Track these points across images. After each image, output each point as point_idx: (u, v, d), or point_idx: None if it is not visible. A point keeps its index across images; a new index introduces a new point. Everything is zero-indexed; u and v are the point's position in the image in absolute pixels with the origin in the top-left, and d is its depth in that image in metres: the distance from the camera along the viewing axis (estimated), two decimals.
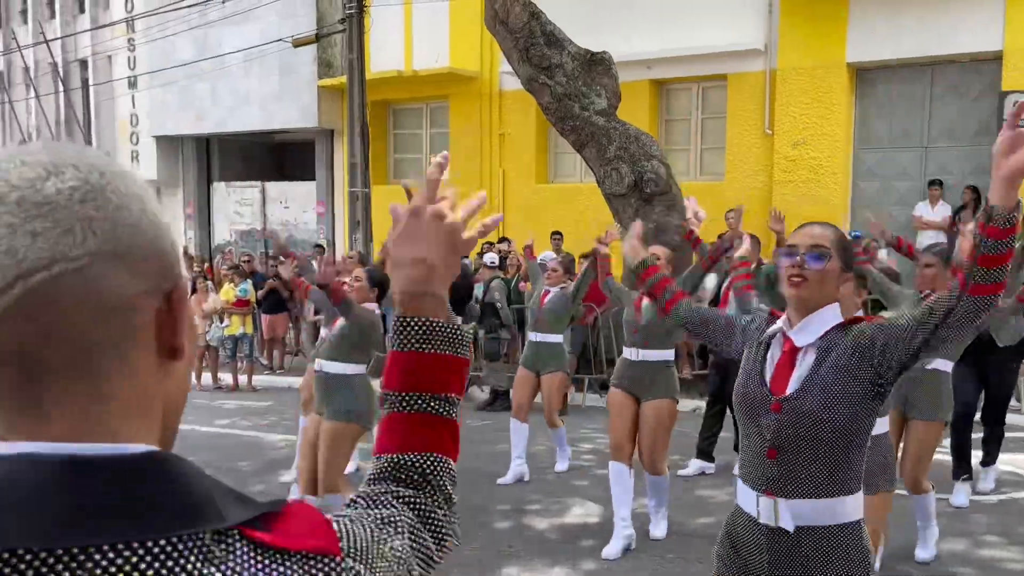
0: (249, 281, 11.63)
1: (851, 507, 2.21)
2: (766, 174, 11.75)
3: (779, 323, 2.31)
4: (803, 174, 11.42)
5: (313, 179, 16.39)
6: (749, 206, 11.59)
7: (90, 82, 18.81)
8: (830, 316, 2.23)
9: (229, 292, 11.16)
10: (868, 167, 11.58)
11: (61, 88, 18.86)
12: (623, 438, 4.90)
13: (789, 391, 2.20)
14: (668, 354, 5.03)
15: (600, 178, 9.34)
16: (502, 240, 11.73)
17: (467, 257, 10.33)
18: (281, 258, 5.55)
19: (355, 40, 11.90)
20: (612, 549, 4.72)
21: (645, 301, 4.87)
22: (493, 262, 8.98)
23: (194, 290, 11.37)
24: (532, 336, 6.47)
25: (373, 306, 4.99)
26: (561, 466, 6.57)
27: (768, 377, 2.27)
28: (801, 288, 2.19)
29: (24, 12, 19.94)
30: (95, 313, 0.65)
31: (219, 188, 17.57)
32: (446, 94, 14.27)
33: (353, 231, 12.36)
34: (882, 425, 3.49)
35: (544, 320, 6.38)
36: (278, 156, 18.71)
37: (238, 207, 17.27)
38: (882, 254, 8.86)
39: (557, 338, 6.47)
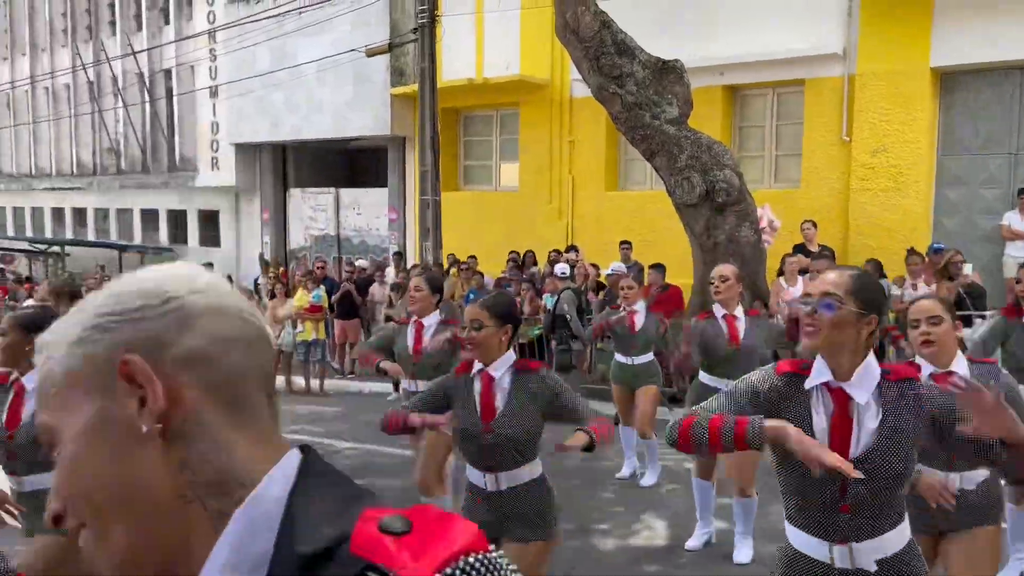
0: (322, 287, 11.86)
1: (907, 525, 2.27)
2: (843, 182, 11.42)
3: (816, 376, 2.22)
4: (882, 182, 11.06)
5: (385, 185, 16.63)
6: (825, 215, 11.32)
7: (174, 91, 19.49)
8: (874, 367, 2.20)
9: (303, 298, 11.40)
10: (953, 174, 11.15)
11: (147, 98, 19.61)
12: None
13: (861, 451, 2.15)
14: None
15: (671, 188, 9.22)
16: (570, 249, 11.68)
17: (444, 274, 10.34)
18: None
19: (427, 49, 12.03)
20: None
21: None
22: (564, 273, 8.94)
23: (272, 295, 11.67)
24: (625, 359, 6.47)
25: (434, 316, 5.07)
26: (649, 480, 6.51)
27: (827, 438, 2.18)
28: (812, 337, 2.18)
29: (113, 23, 20.78)
30: None
31: (294, 194, 17.98)
32: (516, 101, 14.31)
33: (424, 238, 12.49)
34: None
35: (638, 345, 6.44)
36: (351, 163, 19.06)
37: (312, 213, 17.65)
38: (967, 268, 8.53)
39: (650, 357, 6.54)
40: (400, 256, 14.42)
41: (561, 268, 8.96)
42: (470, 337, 3.17)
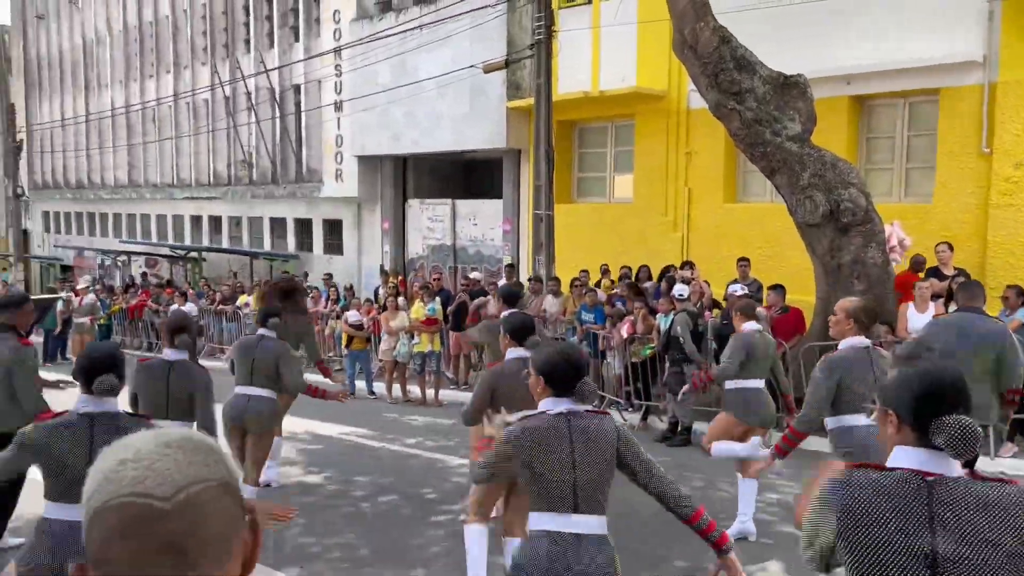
0: (438, 299, 12.12)
1: None
2: (980, 196, 10.74)
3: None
4: None
5: (500, 197, 16.84)
6: (962, 231, 10.69)
7: (302, 106, 20.38)
8: None
9: (419, 310, 11.69)
10: None
11: (278, 112, 20.59)
12: None
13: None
14: None
15: (792, 207, 8.93)
16: (686, 264, 11.48)
17: (521, 287, 10.20)
18: None
19: (543, 64, 12.11)
20: None
21: None
22: (682, 295, 8.78)
23: (385, 307, 12.02)
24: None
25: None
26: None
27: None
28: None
29: (248, 42, 21.94)
30: (223, 520, 0.97)
31: (413, 205, 18.47)
32: (632, 112, 14.20)
33: (536, 252, 12.56)
34: None
35: None
36: (468, 174, 19.40)
37: (430, 223, 18.07)
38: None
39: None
40: (512, 268, 14.56)
41: (680, 290, 8.81)
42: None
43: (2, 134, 32.21)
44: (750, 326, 6.00)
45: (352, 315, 12.16)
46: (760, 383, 6.02)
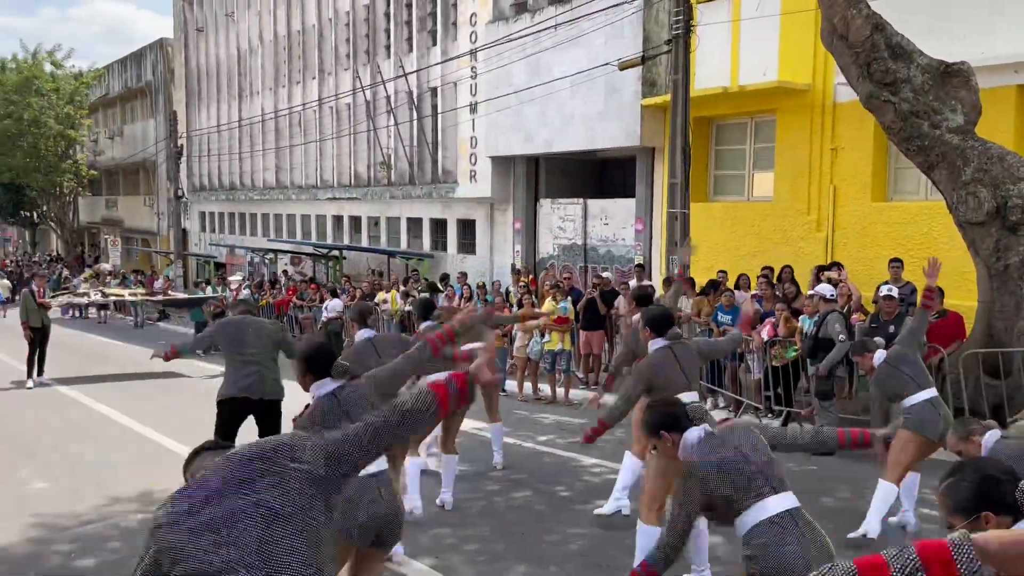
0: (569, 299, 12.08)
1: None
2: None
3: None
4: None
5: (633, 196, 16.62)
6: None
7: (439, 108, 20.85)
8: None
9: (550, 308, 11.68)
10: None
11: (415, 115, 21.15)
12: None
13: None
14: None
15: (952, 204, 8.34)
16: (833, 265, 10.94)
17: (652, 289, 9.73)
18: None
19: (680, 60, 11.84)
20: None
21: None
22: (832, 295, 8.36)
23: (519, 304, 12.08)
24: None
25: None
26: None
27: None
28: None
29: (388, 47, 22.65)
30: None
31: (544, 204, 18.52)
32: (773, 108, 13.68)
33: (671, 252, 12.30)
34: None
35: None
36: (599, 173, 19.28)
37: (561, 223, 18.06)
38: None
39: None
40: (641, 268, 14.33)
41: (828, 289, 8.39)
42: None
43: (165, 140, 34.71)
44: None
45: None
46: (933, 392, 5.70)
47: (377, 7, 23.00)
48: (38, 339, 12.94)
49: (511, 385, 12.33)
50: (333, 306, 16.60)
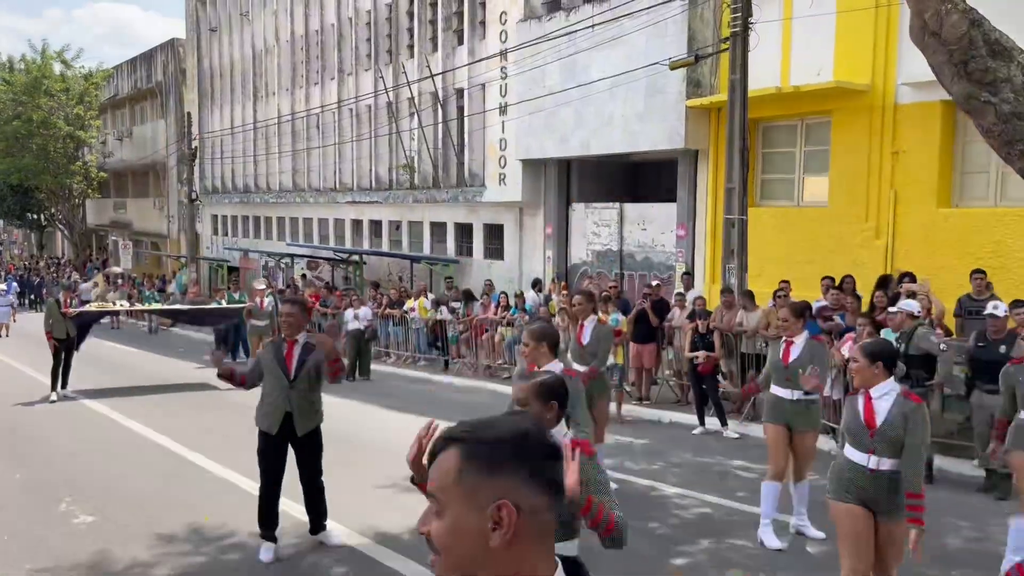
0: (619, 312, 11.51)
1: None
2: None
3: None
4: None
5: (672, 200, 16.06)
6: None
7: (465, 110, 20.28)
8: None
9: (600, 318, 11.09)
10: None
11: (440, 117, 20.59)
12: None
13: None
14: None
15: None
16: (904, 276, 10.34)
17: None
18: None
19: (738, 59, 11.27)
20: None
21: None
22: (919, 312, 7.80)
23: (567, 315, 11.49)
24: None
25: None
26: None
27: None
28: None
29: (411, 47, 22.10)
30: None
31: (577, 209, 17.95)
32: (828, 109, 13.10)
33: (727, 260, 11.73)
34: None
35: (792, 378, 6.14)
36: (634, 177, 18.71)
37: (595, 228, 17.49)
38: None
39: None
40: (689, 276, 13.75)
41: (912, 305, 7.81)
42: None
43: (177, 142, 34.19)
44: None
45: None
46: None
47: (400, 6, 22.44)
48: (63, 350, 12.38)
49: None
50: (363, 314, 16.04)
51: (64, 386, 12.46)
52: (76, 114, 36.62)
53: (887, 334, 8.36)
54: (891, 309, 8.15)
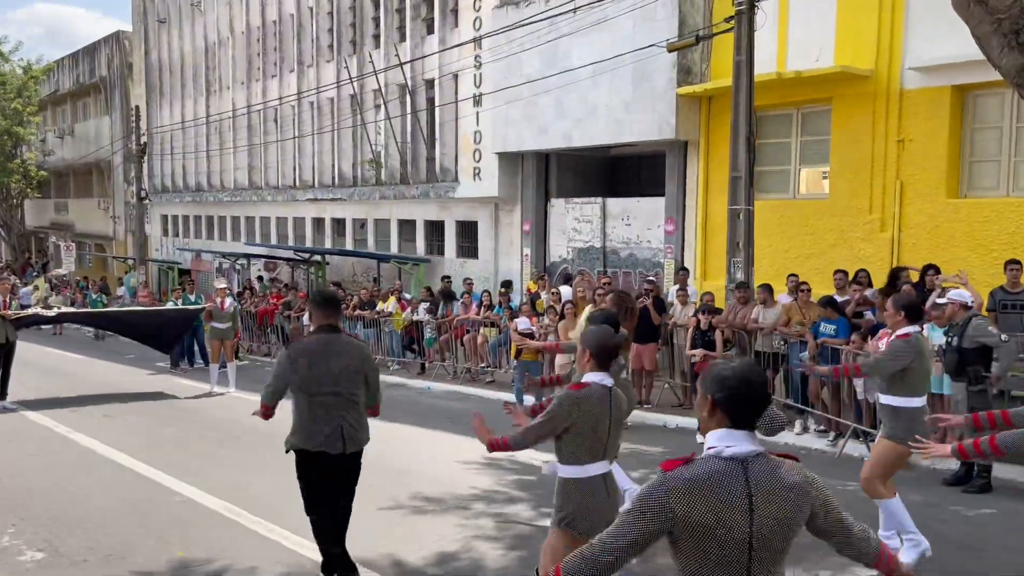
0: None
1: None
2: None
3: None
4: None
5: (656, 194, 15.35)
6: None
7: (436, 101, 19.33)
8: None
9: None
10: None
11: (409, 109, 19.61)
12: None
13: None
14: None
15: None
16: (929, 268, 9.71)
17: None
18: None
19: (744, 39, 10.58)
20: None
21: None
22: (972, 302, 7.13)
23: (562, 316, 10.67)
24: None
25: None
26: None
27: None
28: None
29: (377, 37, 21.07)
30: None
31: (557, 204, 17.14)
32: (828, 97, 12.50)
33: (732, 253, 11.01)
34: None
35: None
36: (615, 171, 17.99)
37: (576, 224, 16.70)
38: None
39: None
40: (686, 271, 13.02)
41: (966, 296, 7.14)
42: None
43: (123, 139, 32.53)
44: None
45: (522, 322, 10.87)
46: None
47: None
48: (1, 357, 11.11)
49: None
50: None
51: (3, 396, 11.19)
52: (14, 108, 34.67)
53: (931, 329, 7.70)
54: (939, 300, 7.47)
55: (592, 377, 3.80)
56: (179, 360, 16.05)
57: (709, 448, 2.23)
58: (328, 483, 4.65)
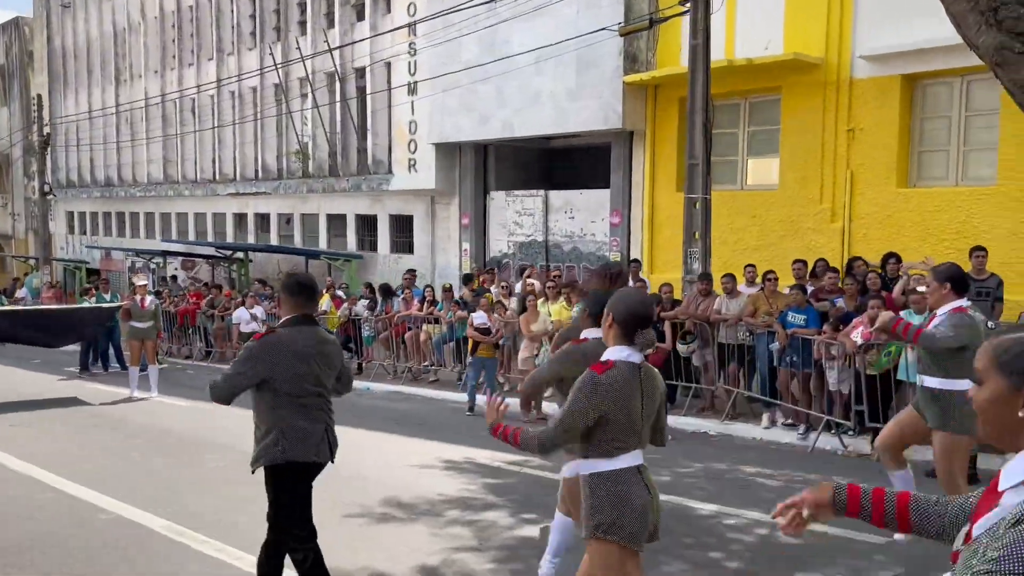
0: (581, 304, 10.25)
1: None
2: None
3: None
4: None
5: (600, 187, 15.00)
6: None
7: (367, 90, 18.55)
8: None
9: (563, 312, 9.82)
10: None
11: (339, 96, 18.76)
12: None
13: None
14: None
15: None
16: (890, 257, 9.59)
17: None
18: None
19: (700, 22, 10.26)
20: None
21: None
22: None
23: (523, 308, 10.17)
24: None
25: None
26: None
27: None
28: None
29: (303, 23, 20.12)
30: None
31: (496, 197, 16.61)
32: (777, 85, 12.35)
33: (688, 244, 10.69)
34: None
35: None
36: (554, 164, 17.56)
37: (517, 217, 16.21)
38: None
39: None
40: (638, 263, 12.70)
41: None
42: None
43: (23, 130, 30.46)
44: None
45: (478, 317, 10.28)
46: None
47: None
48: None
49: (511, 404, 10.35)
50: (261, 313, 14.06)
51: None
52: None
53: (910, 316, 7.48)
54: (920, 288, 7.25)
55: (617, 353, 3.16)
56: (91, 364, 14.87)
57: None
58: (308, 496, 4.00)
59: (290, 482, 3.87)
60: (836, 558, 4.93)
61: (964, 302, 4.77)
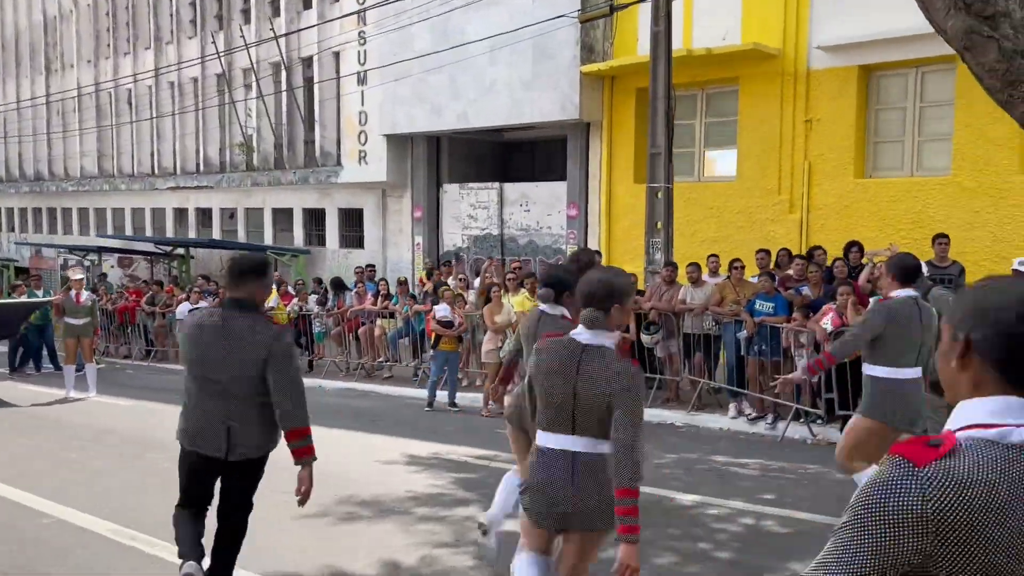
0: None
1: None
2: None
3: None
4: None
5: (555, 179, 14.81)
6: None
7: (315, 80, 18.03)
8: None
9: (527, 303, 9.56)
10: None
11: (284, 86, 18.21)
12: None
13: None
14: None
15: None
16: (852, 245, 9.58)
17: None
18: None
19: (662, 9, 10.12)
20: None
21: None
22: (925, 268, 6.86)
23: (488, 300, 9.88)
24: None
25: None
26: None
27: None
28: None
29: (246, 11, 19.48)
30: None
31: (450, 190, 16.28)
32: (735, 76, 12.31)
33: (651, 235, 10.55)
34: None
35: None
36: (508, 156, 17.32)
37: (471, 210, 15.91)
38: None
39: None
40: (599, 254, 12.50)
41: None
42: None
43: None
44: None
45: (441, 310, 9.97)
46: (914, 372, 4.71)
47: None
48: None
49: (470, 398, 10.07)
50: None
51: None
52: None
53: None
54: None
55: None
56: (20, 364, 14.11)
57: (969, 426, 1.25)
58: (207, 484, 3.86)
59: (181, 459, 3.92)
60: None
61: (902, 292, 4.72)
